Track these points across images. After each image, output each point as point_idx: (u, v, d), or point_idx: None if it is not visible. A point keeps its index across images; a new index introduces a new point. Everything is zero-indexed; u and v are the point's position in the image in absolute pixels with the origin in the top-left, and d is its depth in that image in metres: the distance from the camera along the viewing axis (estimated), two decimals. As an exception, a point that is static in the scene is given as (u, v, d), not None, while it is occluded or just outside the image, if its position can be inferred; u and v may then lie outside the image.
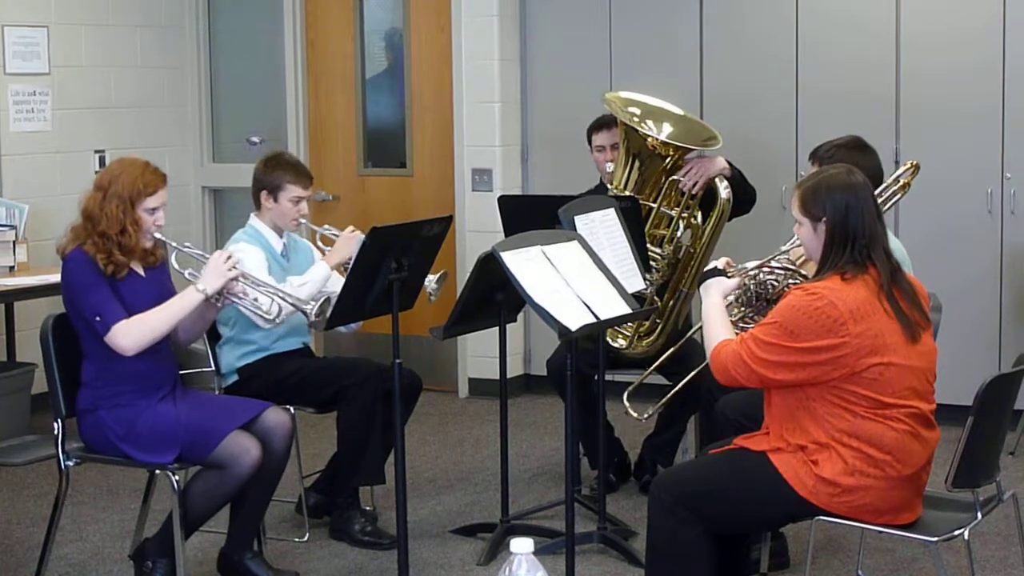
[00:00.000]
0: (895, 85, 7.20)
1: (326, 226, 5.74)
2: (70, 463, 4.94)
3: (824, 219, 4.08)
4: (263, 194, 5.66)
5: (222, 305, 4.93)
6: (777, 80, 7.43)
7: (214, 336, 5.57)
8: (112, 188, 4.83)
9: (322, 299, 4.94)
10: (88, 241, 4.80)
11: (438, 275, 5.39)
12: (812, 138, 5.63)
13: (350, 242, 5.50)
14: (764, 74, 7.47)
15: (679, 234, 5.97)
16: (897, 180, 5.10)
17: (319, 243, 5.72)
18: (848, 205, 4.07)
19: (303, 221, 5.70)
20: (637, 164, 5.99)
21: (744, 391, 4.33)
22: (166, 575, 4.92)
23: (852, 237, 4.05)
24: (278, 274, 5.50)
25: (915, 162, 5.12)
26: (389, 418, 5.25)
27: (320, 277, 5.50)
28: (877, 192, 4.94)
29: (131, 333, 4.75)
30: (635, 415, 5.20)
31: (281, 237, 5.70)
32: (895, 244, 4.80)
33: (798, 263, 4.45)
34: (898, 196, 5.11)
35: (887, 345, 3.99)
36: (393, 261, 4.79)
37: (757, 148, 7.09)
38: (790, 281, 4.38)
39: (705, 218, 5.99)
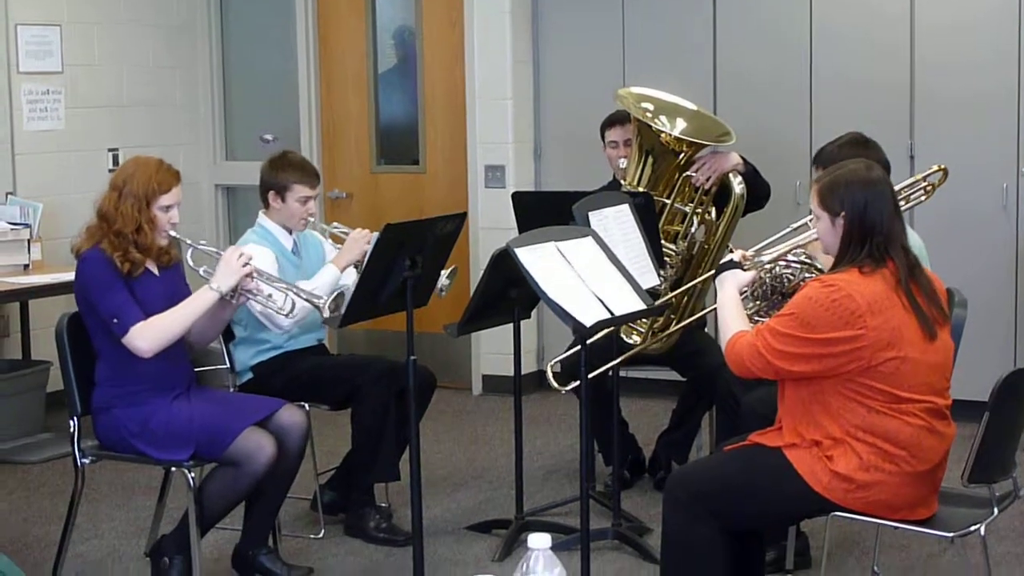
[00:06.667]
0: (909, 76, 7.18)
1: (335, 224, 5.75)
2: (85, 461, 4.94)
3: (843, 214, 4.07)
4: (270, 194, 5.67)
5: (237, 303, 4.94)
6: (791, 73, 7.41)
7: (228, 335, 5.57)
8: (127, 187, 4.84)
9: (335, 293, 4.93)
10: (104, 240, 4.81)
11: (449, 270, 5.39)
12: (826, 133, 5.62)
13: (360, 242, 5.50)
14: (777, 67, 7.46)
15: (693, 230, 5.96)
16: (924, 179, 5.05)
17: (328, 241, 5.73)
18: (867, 200, 4.06)
19: (312, 220, 5.70)
20: (650, 160, 5.98)
21: (771, 387, 4.32)
22: (182, 572, 4.93)
23: (870, 232, 4.04)
24: (290, 272, 5.50)
25: (943, 166, 5.07)
26: (403, 415, 5.26)
27: (329, 280, 5.49)
28: (900, 188, 4.93)
29: (148, 335, 4.76)
30: (557, 386, 5.08)
31: (291, 234, 5.71)
32: (914, 239, 4.79)
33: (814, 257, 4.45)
34: (921, 198, 5.06)
35: (904, 339, 3.98)
36: (407, 258, 4.78)
37: (771, 144, 7.07)
38: (805, 275, 4.38)
39: (719, 214, 5.98)
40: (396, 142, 8.62)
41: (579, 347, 4.35)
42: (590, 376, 4.54)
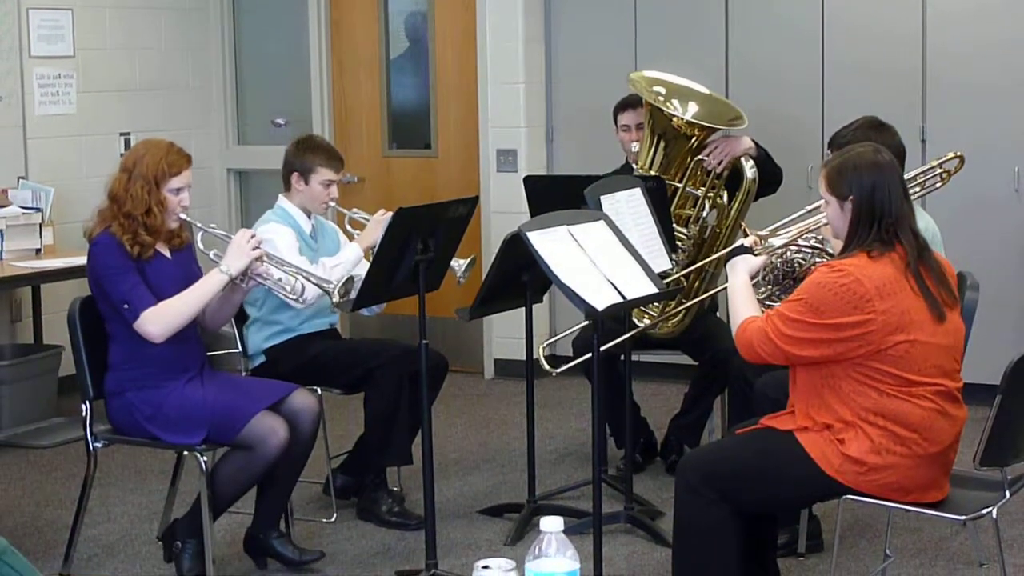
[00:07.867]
0: (921, 60, 7.16)
1: (355, 209, 5.74)
2: (98, 445, 4.96)
3: (850, 197, 4.06)
4: (294, 176, 5.66)
5: (247, 287, 4.94)
6: (803, 56, 7.40)
7: (242, 317, 5.58)
8: (137, 169, 4.84)
9: (345, 278, 4.93)
10: (114, 223, 4.82)
11: (467, 260, 5.39)
12: (838, 117, 5.61)
13: (381, 225, 5.48)
14: (789, 51, 7.44)
15: (705, 214, 5.96)
16: (940, 166, 5.04)
17: (348, 226, 5.73)
18: (875, 184, 4.05)
19: (332, 204, 5.70)
20: (662, 144, 5.97)
21: (782, 371, 4.32)
22: (194, 556, 4.94)
23: (878, 216, 4.03)
24: (308, 255, 5.50)
25: (960, 153, 5.06)
26: (416, 399, 5.26)
27: (353, 258, 5.50)
28: (915, 174, 4.92)
29: (159, 320, 4.76)
30: (548, 368, 5.02)
31: (310, 219, 5.71)
32: (928, 222, 4.78)
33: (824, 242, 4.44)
34: (937, 185, 5.05)
35: (913, 322, 3.98)
36: (419, 242, 4.78)
37: (783, 128, 7.05)
38: (816, 259, 4.37)
39: (731, 198, 5.98)
40: (408, 126, 8.61)
41: (584, 324, 4.31)
42: (601, 350, 4.49)
